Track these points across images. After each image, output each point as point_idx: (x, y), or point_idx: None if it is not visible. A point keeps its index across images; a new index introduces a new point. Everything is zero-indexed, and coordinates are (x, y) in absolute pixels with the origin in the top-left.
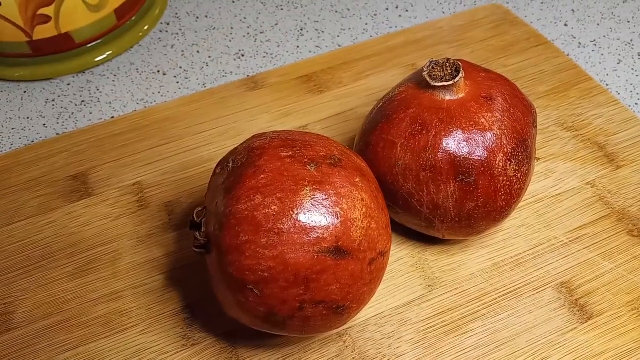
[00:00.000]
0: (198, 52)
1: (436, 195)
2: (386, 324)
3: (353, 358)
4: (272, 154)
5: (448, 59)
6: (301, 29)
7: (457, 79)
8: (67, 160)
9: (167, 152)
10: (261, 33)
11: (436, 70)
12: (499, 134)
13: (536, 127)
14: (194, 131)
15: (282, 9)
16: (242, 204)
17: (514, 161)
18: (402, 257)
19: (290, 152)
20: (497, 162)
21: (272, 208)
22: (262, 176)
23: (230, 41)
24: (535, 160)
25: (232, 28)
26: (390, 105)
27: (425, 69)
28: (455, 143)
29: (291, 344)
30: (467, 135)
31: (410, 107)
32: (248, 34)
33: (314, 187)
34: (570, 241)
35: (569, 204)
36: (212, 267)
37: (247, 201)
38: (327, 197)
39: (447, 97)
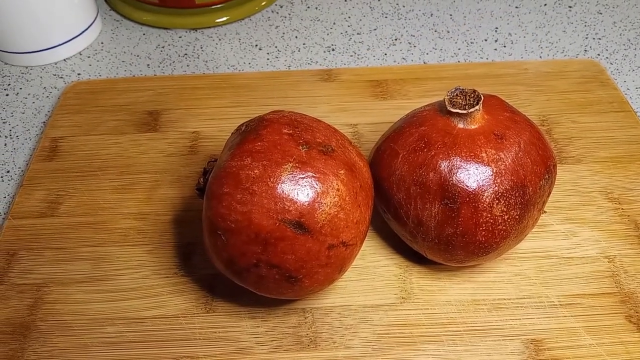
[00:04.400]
0: (296, 37)
1: (421, 212)
2: (349, 316)
3: (307, 334)
4: (276, 127)
5: (474, 90)
6: (396, 39)
7: (471, 110)
8: (150, 97)
9: (231, 113)
10: (358, 34)
11: (459, 98)
12: (495, 171)
13: (550, 181)
14: (260, 102)
15: (386, 17)
16: (234, 161)
17: (502, 201)
18: (389, 264)
19: (291, 131)
20: (484, 197)
21: (255, 171)
22: (259, 143)
23: (327, 34)
24: (542, 213)
25: (334, 23)
26: (410, 119)
27: (448, 94)
28: (448, 167)
29: (261, 305)
30: (462, 164)
31: (423, 125)
32: (346, 32)
33: (296, 165)
34: (560, 304)
35: (577, 270)
36: (203, 210)
37: (239, 160)
38: (304, 177)
39: (460, 125)
